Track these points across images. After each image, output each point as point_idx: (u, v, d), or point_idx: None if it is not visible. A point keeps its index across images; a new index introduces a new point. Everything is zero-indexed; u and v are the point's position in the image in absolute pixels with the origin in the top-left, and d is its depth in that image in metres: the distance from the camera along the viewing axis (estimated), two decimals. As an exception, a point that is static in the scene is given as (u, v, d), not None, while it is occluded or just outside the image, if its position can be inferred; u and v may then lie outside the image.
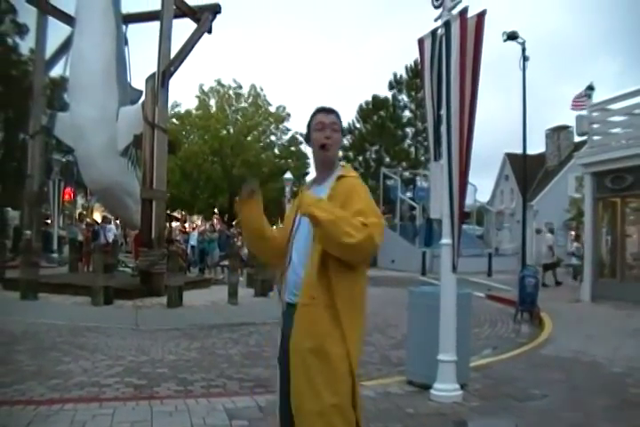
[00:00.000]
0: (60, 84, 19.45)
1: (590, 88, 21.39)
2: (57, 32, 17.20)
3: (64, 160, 26.27)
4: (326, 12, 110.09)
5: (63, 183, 27.64)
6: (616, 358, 7.77)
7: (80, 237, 21.80)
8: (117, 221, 24.29)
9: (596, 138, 16.30)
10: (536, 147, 41.39)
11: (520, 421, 5.11)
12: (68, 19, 16.28)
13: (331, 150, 2.89)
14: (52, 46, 17.24)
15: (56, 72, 18.79)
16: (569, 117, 55.52)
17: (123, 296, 13.01)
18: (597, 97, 17.04)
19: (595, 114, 16.17)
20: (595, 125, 16.11)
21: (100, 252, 13.53)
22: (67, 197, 31.74)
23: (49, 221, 25.81)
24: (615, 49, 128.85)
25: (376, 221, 2.60)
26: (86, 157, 15.12)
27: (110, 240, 18.80)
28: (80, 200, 37.27)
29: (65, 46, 16.49)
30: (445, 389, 5.56)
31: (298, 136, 43.47)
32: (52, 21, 16.93)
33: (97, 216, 33.79)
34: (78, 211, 37.59)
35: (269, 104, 42.38)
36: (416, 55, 6.42)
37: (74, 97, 15.20)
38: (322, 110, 2.98)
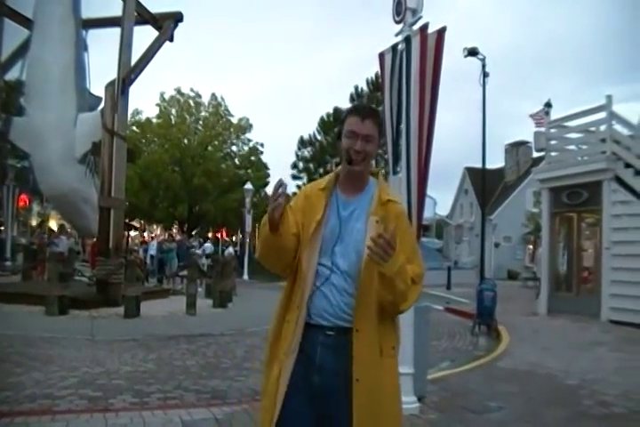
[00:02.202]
0: (17, 87, 19.10)
1: (548, 105, 21.89)
2: (13, 34, 16.87)
3: (19, 166, 25.70)
4: (290, 22, 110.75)
5: (18, 189, 27.06)
6: (571, 370, 7.88)
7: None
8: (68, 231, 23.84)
9: (553, 154, 16.62)
10: (495, 161, 42.08)
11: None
12: (25, 22, 15.99)
13: (360, 165, 2.53)
14: (8, 49, 16.90)
15: (12, 75, 18.44)
16: (528, 133, 56.68)
17: (78, 306, 12.75)
18: (553, 113, 17.43)
19: (552, 130, 16.50)
20: (552, 142, 16.43)
21: (55, 260, 13.28)
22: (22, 203, 31.08)
23: (2, 228, 25.26)
24: (571, 65, 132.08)
25: (421, 274, 2.53)
26: (43, 164, 14.85)
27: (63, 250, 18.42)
28: (36, 207, 36.50)
29: (22, 49, 16.21)
30: (403, 401, 5.52)
31: (259, 146, 43.46)
32: (9, 23, 16.60)
33: (53, 224, 33.20)
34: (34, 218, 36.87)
35: (231, 115, 42.30)
36: (377, 68, 6.47)
37: (31, 102, 14.95)
38: (357, 112, 2.55)
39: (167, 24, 15.82)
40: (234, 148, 43.74)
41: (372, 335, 2.46)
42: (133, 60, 15.04)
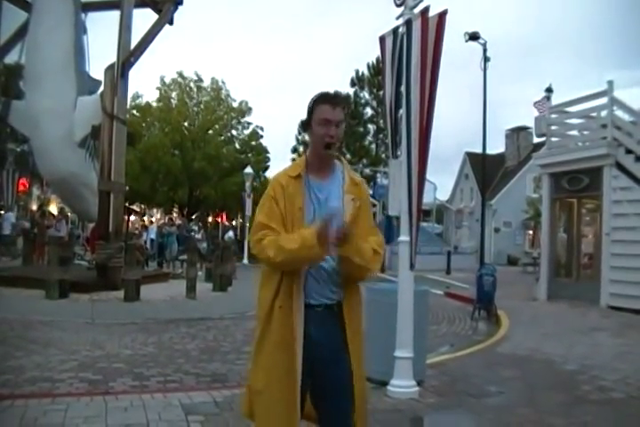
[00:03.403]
0: (16, 70, 19.00)
1: (549, 90, 21.79)
2: (12, 17, 16.70)
3: (19, 149, 25.66)
4: (290, 5, 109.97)
5: (18, 173, 27.04)
6: (570, 355, 7.90)
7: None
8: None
9: (554, 139, 16.55)
10: (496, 147, 41.93)
11: (476, 417, 5.16)
12: (23, 4, 15.85)
13: (334, 149, 2.79)
14: (6, 31, 16.75)
15: (11, 58, 18.32)
16: (529, 118, 56.41)
17: (78, 290, 12.78)
18: (554, 98, 17.35)
19: (553, 116, 16.42)
20: (553, 127, 16.35)
21: (55, 244, 13.28)
22: (21, 187, 31.06)
23: (2, 212, 25.24)
24: (572, 50, 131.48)
25: (381, 242, 2.90)
26: (42, 147, 14.82)
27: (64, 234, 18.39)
28: (35, 191, 36.48)
29: (20, 32, 16.08)
30: (402, 385, 5.57)
31: (258, 130, 43.27)
32: (7, 6, 16.44)
33: (53, 208, 33.22)
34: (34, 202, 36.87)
35: (234, 100, 42.09)
36: (378, 52, 6.42)
37: (30, 85, 14.87)
38: (328, 101, 2.78)
39: (167, 7, 15.67)
40: (234, 132, 43.57)
41: (354, 304, 2.85)
42: (133, 44, 14.93)
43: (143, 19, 15.88)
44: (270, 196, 2.80)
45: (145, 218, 48.77)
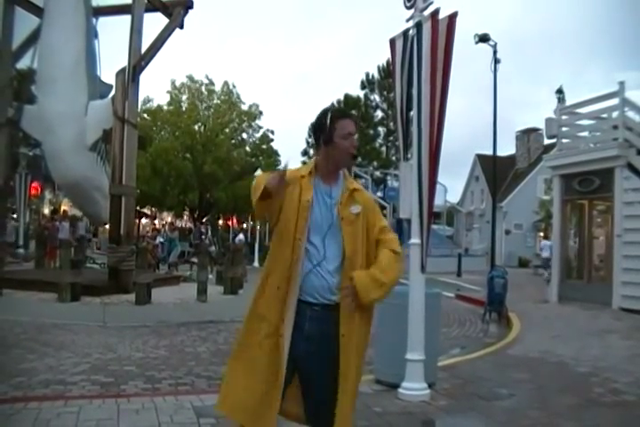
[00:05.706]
0: (28, 75, 19.09)
1: (559, 91, 21.75)
2: (24, 23, 16.82)
3: (31, 154, 25.80)
4: (301, 7, 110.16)
5: (30, 177, 27.15)
6: (582, 358, 7.87)
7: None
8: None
9: (564, 141, 16.50)
10: (506, 148, 41.91)
11: (487, 420, 5.14)
12: (36, 9, 15.94)
13: (356, 158, 3.16)
14: (19, 37, 16.86)
15: (24, 63, 18.43)
16: (539, 120, 56.31)
17: (90, 293, 12.81)
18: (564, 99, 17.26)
19: (564, 117, 16.36)
20: (564, 128, 16.30)
21: (67, 248, 13.35)
22: (34, 191, 31.21)
23: (15, 216, 25.38)
24: (583, 51, 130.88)
25: (397, 240, 3.11)
26: (54, 152, 14.89)
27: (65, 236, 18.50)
28: (48, 195, 36.65)
29: (33, 37, 16.18)
30: (413, 388, 5.57)
31: (269, 133, 43.32)
32: (20, 11, 16.57)
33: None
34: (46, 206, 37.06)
35: (243, 102, 42.17)
36: (389, 55, 6.43)
37: (42, 90, 14.94)
38: (348, 116, 3.08)
39: (177, 11, 15.72)
40: (244, 135, 43.66)
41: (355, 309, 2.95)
42: (144, 48, 14.99)
43: (154, 23, 15.96)
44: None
45: (156, 221, 48.98)
